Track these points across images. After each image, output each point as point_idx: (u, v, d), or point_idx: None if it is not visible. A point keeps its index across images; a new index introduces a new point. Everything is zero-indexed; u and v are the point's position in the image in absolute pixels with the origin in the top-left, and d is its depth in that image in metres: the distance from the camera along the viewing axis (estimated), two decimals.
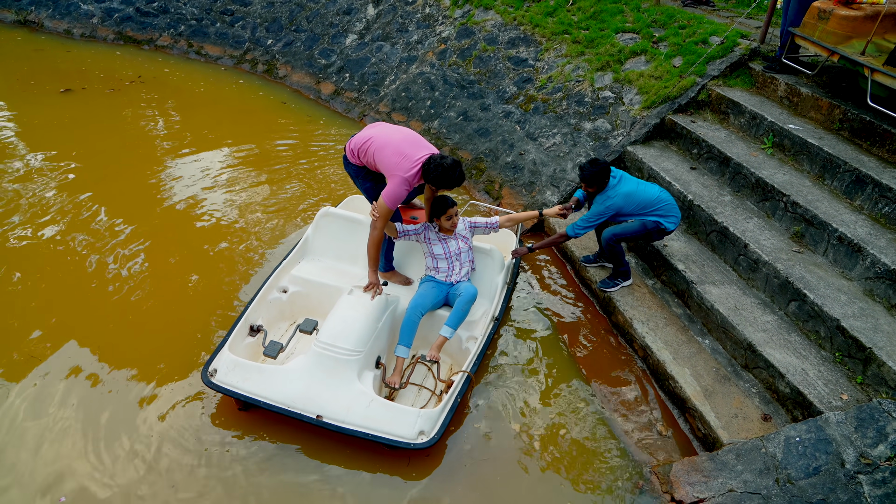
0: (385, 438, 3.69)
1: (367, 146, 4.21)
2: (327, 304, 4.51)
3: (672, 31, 7.25)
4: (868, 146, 5.34)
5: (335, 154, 7.42)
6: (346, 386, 3.83)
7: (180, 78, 9.17)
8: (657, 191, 4.78)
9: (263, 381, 3.83)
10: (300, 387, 3.81)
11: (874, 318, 4.17)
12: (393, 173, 4.07)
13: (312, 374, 3.85)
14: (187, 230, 5.84)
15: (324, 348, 3.87)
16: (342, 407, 3.76)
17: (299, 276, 4.69)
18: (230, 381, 3.83)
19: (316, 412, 3.74)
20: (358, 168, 4.42)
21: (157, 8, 10.39)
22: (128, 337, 4.58)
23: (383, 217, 4.16)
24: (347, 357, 3.87)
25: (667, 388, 4.47)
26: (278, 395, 3.78)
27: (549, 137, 7.01)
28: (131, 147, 7.22)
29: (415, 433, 3.71)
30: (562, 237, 4.93)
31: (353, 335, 3.94)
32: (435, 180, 4.03)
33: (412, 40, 8.95)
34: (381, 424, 3.72)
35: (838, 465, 3.44)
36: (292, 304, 4.64)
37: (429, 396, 4.22)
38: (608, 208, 4.69)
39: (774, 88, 6.23)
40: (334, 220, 4.95)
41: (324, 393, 3.79)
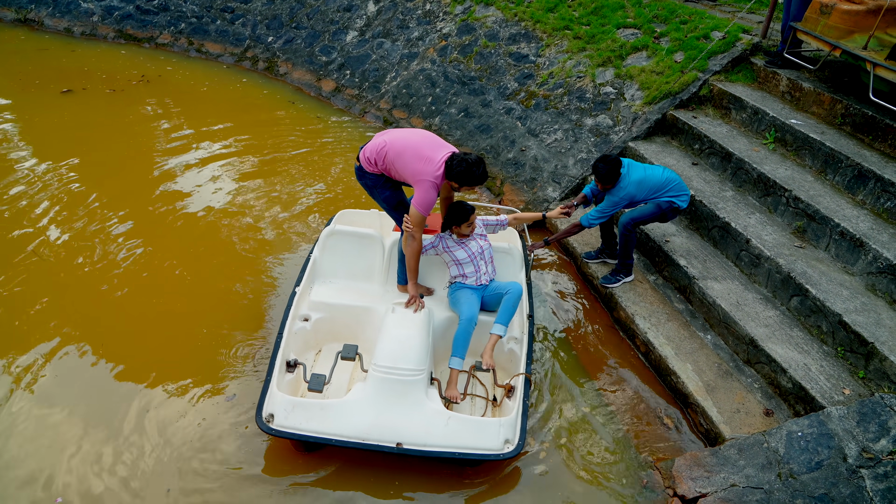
0: (476, 454, 3.55)
1: (384, 151, 4.06)
2: (354, 325, 4.39)
3: (673, 26, 7.23)
4: (870, 141, 5.33)
5: (346, 154, 7.41)
6: (418, 407, 3.64)
7: (183, 77, 9.17)
8: (664, 172, 4.80)
9: (330, 419, 3.57)
10: (371, 417, 3.58)
11: (876, 313, 4.17)
12: (419, 179, 3.94)
13: (380, 402, 3.63)
14: (191, 231, 5.84)
15: (386, 372, 3.67)
16: (420, 430, 3.58)
17: (319, 302, 4.44)
18: (294, 425, 3.53)
19: (394, 440, 3.54)
20: (376, 177, 4.23)
21: (157, 6, 10.38)
22: (132, 339, 4.59)
23: (419, 225, 4.05)
24: (413, 377, 3.69)
25: (669, 383, 4.48)
26: (351, 430, 3.54)
27: (550, 133, 7.00)
28: (135, 149, 7.19)
29: (501, 443, 3.62)
30: (576, 227, 4.95)
31: (412, 354, 3.77)
32: (458, 177, 3.93)
33: (413, 37, 8.94)
34: (465, 440, 3.58)
35: (840, 460, 3.45)
36: (316, 331, 4.39)
37: (485, 404, 4.16)
38: (622, 198, 4.71)
39: (776, 83, 6.22)
40: (340, 238, 4.73)
41: (397, 419, 3.59)
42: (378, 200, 4.43)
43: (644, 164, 4.86)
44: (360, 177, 4.34)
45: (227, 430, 3.93)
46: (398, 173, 4.09)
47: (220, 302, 4.98)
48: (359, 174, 4.34)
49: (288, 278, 5.27)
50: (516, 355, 4.32)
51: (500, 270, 4.77)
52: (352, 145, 7.60)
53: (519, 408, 3.82)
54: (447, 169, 3.94)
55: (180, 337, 4.63)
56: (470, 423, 3.65)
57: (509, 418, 3.71)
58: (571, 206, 4.95)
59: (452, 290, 4.45)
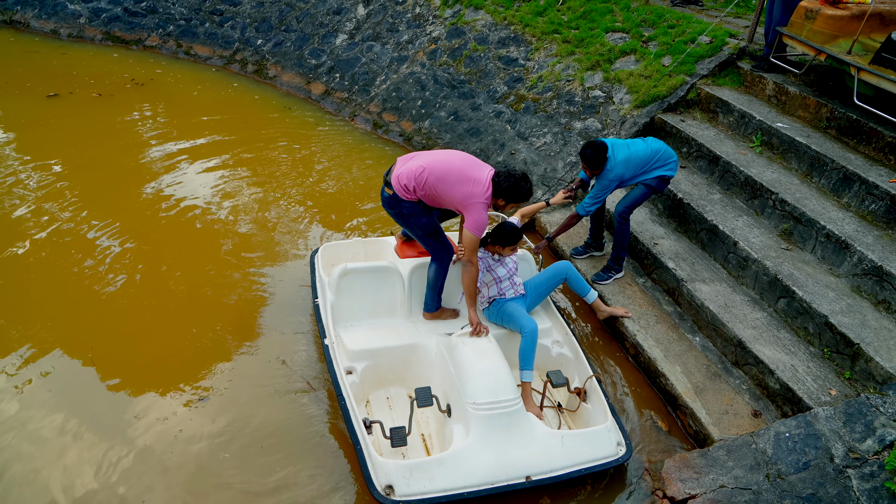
0: (602, 465, 3.56)
1: (423, 176, 3.88)
2: (400, 367, 4.21)
3: (661, 30, 7.29)
4: (855, 144, 5.40)
5: (337, 158, 7.39)
6: (531, 435, 3.58)
7: (174, 81, 9.08)
8: (647, 144, 4.85)
9: (452, 472, 3.40)
10: (492, 458, 3.46)
11: (862, 315, 4.22)
12: (471, 202, 3.84)
13: (495, 440, 3.51)
14: (182, 235, 5.80)
15: (490, 408, 3.55)
16: (541, 457, 3.52)
17: (360, 350, 4.15)
18: (420, 490, 3.33)
19: (523, 475, 3.45)
20: (413, 204, 4.02)
21: (145, 8, 10.33)
22: (122, 343, 4.56)
23: (475, 249, 3.95)
24: (515, 406, 3.60)
25: (658, 385, 4.50)
26: (478, 478, 3.40)
27: (539, 137, 7.03)
28: (123, 154, 7.11)
29: (615, 447, 3.63)
30: (573, 218, 4.99)
31: (507, 382, 3.68)
32: (506, 193, 3.87)
33: (402, 40, 8.95)
34: (585, 454, 3.56)
35: (827, 460, 3.48)
36: (364, 381, 4.14)
37: (555, 414, 4.16)
38: (611, 181, 4.75)
39: (763, 87, 6.28)
40: (355, 276, 4.43)
41: (517, 452, 3.50)
42: (412, 229, 4.21)
43: (626, 140, 4.91)
44: (392, 206, 4.10)
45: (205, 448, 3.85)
46: (440, 198, 3.94)
47: (212, 306, 4.95)
48: (389, 203, 4.10)
49: (280, 283, 5.25)
50: (567, 358, 4.32)
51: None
52: (342, 149, 7.59)
53: (607, 409, 3.84)
54: (495, 186, 3.87)
55: (171, 341, 4.59)
56: (583, 436, 3.65)
57: (611, 422, 3.73)
58: (572, 190, 5.00)
59: (496, 307, 4.37)
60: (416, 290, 4.55)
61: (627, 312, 4.88)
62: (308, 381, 4.36)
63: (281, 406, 4.17)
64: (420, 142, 7.73)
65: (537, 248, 5.16)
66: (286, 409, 4.14)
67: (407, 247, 4.80)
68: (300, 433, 4.00)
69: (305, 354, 4.59)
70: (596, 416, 3.93)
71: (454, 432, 3.62)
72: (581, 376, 4.22)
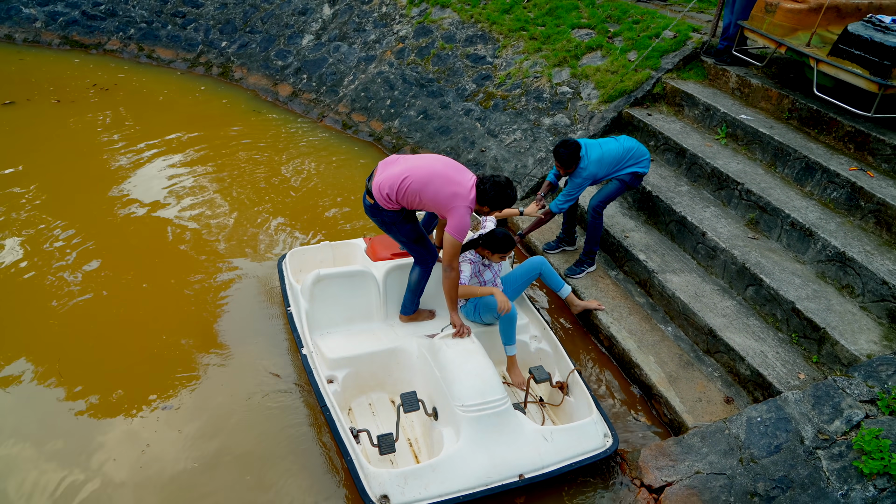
0: (591, 458, 3.60)
1: (406, 183, 3.83)
2: (380, 373, 4.17)
3: (626, 26, 7.37)
4: (816, 134, 5.53)
5: (306, 159, 7.32)
6: (520, 433, 3.59)
7: (138, 85, 8.85)
8: (620, 143, 4.91)
9: (446, 476, 3.39)
10: (485, 460, 3.46)
11: (827, 300, 4.32)
12: (455, 205, 3.80)
13: (486, 441, 3.51)
14: (148, 243, 5.69)
15: (479, 409, 3.55)
16: (532, 454, 3.54)
17: (340, 358, 4.10)
18: (415, 497, 3.31)
19: (515, 474, 3.47)
20: (395, 213, 4.00)
21: (104, 11, 10.10)
22: (90, 356, 4.46)
23: (457, 254, 3.89)
24: (504, 405, 3.61)
25: (633, 375, 4.55)
26: (472, 480, 3.40)
27: (509, 134, 7.05)
28: (87, 164, 6.94)
29: (602, 439, 3.66)
30: (547, 215, 5.02)
31: (494, 382, 3.68)
32: (493, 201, 3.86)
33: (370, 40, 8.90)
34: (573, 448, 3.59)
35: (798, 442, 3.55)
36: (345, 388, 4.08)
37: (538, 409, 4.17)
38: (585, 178, 4.80)
39: (726, 80, 6.40)
40: (329, 282, 4.37)
41: (508, 451, 3.52)
42: (396, 236, 4.21)
43: (599, 139, 4.96)
44: (375, 214, 4.09)
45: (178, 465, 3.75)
46: (422, 203, 3.89)
47: (179, 313, 4.86)
48: (372, 211, 4.09)
49: (248, 287, 5.18)
50: (547, 353, 4.33)
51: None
52: (311, 151, 7.52)
53: (591, 401, 3.86)
54: (480, 193, 3.85)
55: (139, 350, 4.50)
56: (571, 430, 3.67)
57: (596, 413, 3.77)
58: (542, 198, 5.04)
59: (472, 303, 4.34)
60: (391, 293, 4.51)
61: (600, 305, 4.92)
62: (275, 373, 4.30)
63: (256, 415, 4.10)
64: (390, 141, 7.70)
65: None
66: (261, 419, 4.08)
67: (379, 248, 4.75)
68: (276, 441, 3.94)
69: (280, 360, 4.53)
70: (579, 410, 3.96)
71: (444, 436, 3.59)
72: (562, 370, 4.24)
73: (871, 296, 4.22)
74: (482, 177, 3.90)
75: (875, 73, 4.70)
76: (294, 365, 4.47)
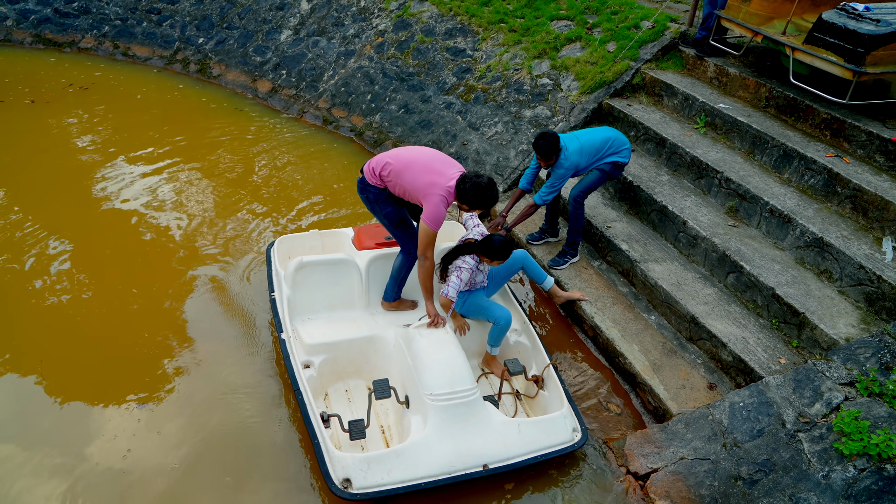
0: (558, 451, 3.64)
1: (390, 164, 3.95)
2: (358, 360, 4.20)
3: (605, 16, 7.39)
4: (793, 122, 5.59)
5: (288, 156, 7.26)
6: (488, 424, 3.62)
7: (116, 84, 8.68)
8: (598, 133, 4.94)
9: (409, 463, 3.42)
10: (450, 448, 3.49)
11: (806, 285, 4.39)
12: (429, 192, 3.83)
13: (452, 430, 3.54)
14: (133, 241, 5.62)
15: (447, 399, 3.58)
16: (499, 445, 3.57)
17: (317, 344, 4.13)
18: (377, 482, 3.34)
19: (480, 464, 3.50)
20: (379, 191, 4.08)
21: (77, 8, 9.92)
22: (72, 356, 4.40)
23: (430, 243, 3.92)
24: (473, 396, 3.63)
25: (617, 364, 4.59)
26: (435, 468, 3.43)
27: (490, 126, 7.05)
28: (65, 164, 6.82)
29: (570, 433, 3.70)
30: (531, 208, 5.03)
31: (464, 372, 3.71)
32: (471, 201, 3.85)
33: (349, 34, 8.84)
34: (541, 441, 3.63)
35: (780, 426, 3.61)
36: (322, 374, 4.11)
37: (513, 401, 4.19)
38: (567, 170, 4.81)
39: (704, 70, 6.44)
40: (311, 269, 4.40)
41: (474, 441, 3.55)
42: (379, 216, 4.25)
43: (577, 132, 5.00)
44: (362, 190, 4.18)
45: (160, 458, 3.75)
46: (403, 187, 3.95)
47: (163, 310, 4.82)
48: (360, 187, 4.19)
49: (232, 282, 5.14)
50: (525, 346, 4.36)
51: None
52: (293, 147, 7.46)
53: (563, 396, 3.89)
54: (459, 192, 3.85)
55: (122, 348, 4.46)
56: (539, 423, 3.70)
57: (567, 407, 3.79)
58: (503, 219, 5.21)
59: (461, 299, 4.30)
60: (374, 281, 4.52)
61: (583, 296, 4.95)
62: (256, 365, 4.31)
63: (236, 405, 4.11)
64: (372, 136, 7.66)
65: None
66: (241, 408, 4.09)
67: (365, 238, 4.76)
68: (256, 431, 3.95)
69: (261, 351, 4.53)
70: (553, 403, 3.99)
71: (412, 423, 3.63)
72: (539, 364, 4.27)
73: (849, 280, 4.29)
74: (466, 174, 3.90)
75: (849, 61, 4.76)
76: (275, 358, 4.47)
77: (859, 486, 3.21)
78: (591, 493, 3.75)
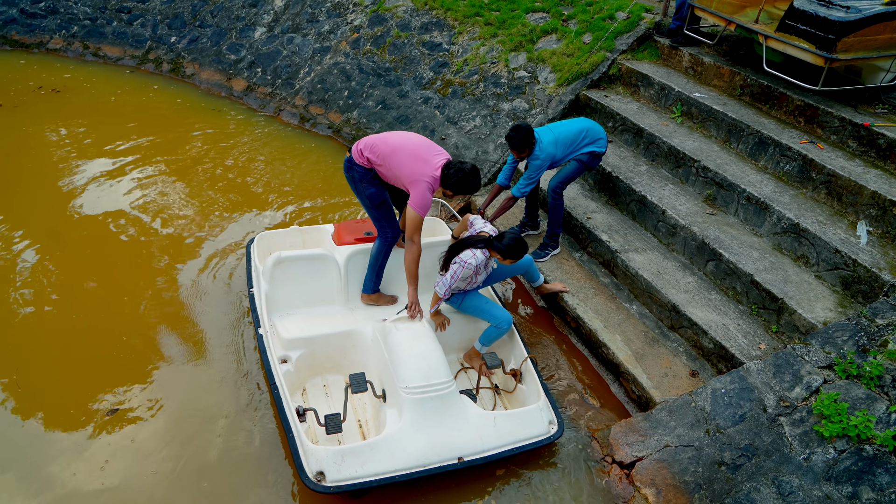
0: (533, 444, 3.64)
1: (378, 147, 4.01)
2: (336, 355, 4.18)
3: (580, 8, 7.40)
4: (767, 109, 5.64)
5: (264, 154, 7.18)
6: (464, 417, 3.62)
7: (88, 85, 8.49)
8: (573, 124, 4.95)
9: (385, 456, 3.40)
10: (424, 441, 3.48)
11: (783, 271, 4.44)
12: (415, 179, 3.88)
13: (428, 423, 3.53)
14: (110, 246, 5.53)
15: (422, 391, 3.58)
16: (474, 438, 3.57)
17: (295, 339, 4.10)
18: (351, 475, 3.31)
19: (455, 456, 3.49)
20: (364, 170, 4.11)
21: (44, 8, 9.71)
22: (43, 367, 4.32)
23: (418, 228, 3.97)
24: (449, 389, 3.63)
25: (600, 355, 4.61)
26: (410, 461, 3.42)
27: (468, 120, 7.04)
28: (38, 169, 6.68)
29: (546, 426, 3.70)
30: (510, 200, 5.02)
31: (440, 366, 3.71)
32: (455, 186, 3.92)
33: (324, 30, 8.76)
34: (517, 434, 3.63)
35: (761, 411, 3.65)
36: (298, 370, 4.07)
37: (492, 395, 4.20)
38: (543, 161, 4.81)
39: (679, 59, 6.48)
40: (290, 264, 4.38)
41: (449, 434, 3.54)
42: (361, 196, 4.29)
43: (551, 124, 5.00)
44: (348, 169, 4.22)
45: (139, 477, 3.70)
46: (390, 171, 4.00)
47: (141, 314, 4.75)
48: (347, 166, 4.22)
49: (209, 283, 5.08)
50: (504, 340, 4.35)
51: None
52: (270, 146, 7.38)
53: (541, 389, 3.90)
54: (443, 178, 3.91)
55: (100, 353, 4.39)
56: (515, 416, 3.70)
57: (544, 399, 3.79)
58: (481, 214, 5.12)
59: (459, 297, 4.23)
60: (352, 276, 4.51)
61: (566, 287, 4.96)
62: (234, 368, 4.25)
63: (214, 406, 4.09)
64: (350, 133, 7.61)
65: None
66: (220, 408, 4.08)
67: (344, 233, 4.75)
68: (233, 431, 3.93)
69: (240, 349, 4.52)
70: (531, 397, 4.00)
71: (388, 417, 3.63)
72: (517, 359, 4.28)
73: (825, 265, 4.35)
74: (451, 161, 3.97)
75: (821, 48, 4.81)
76: (256, 359, 4.43)
77: (840, 467, 3.26)
78: (577, 484, 3.76)
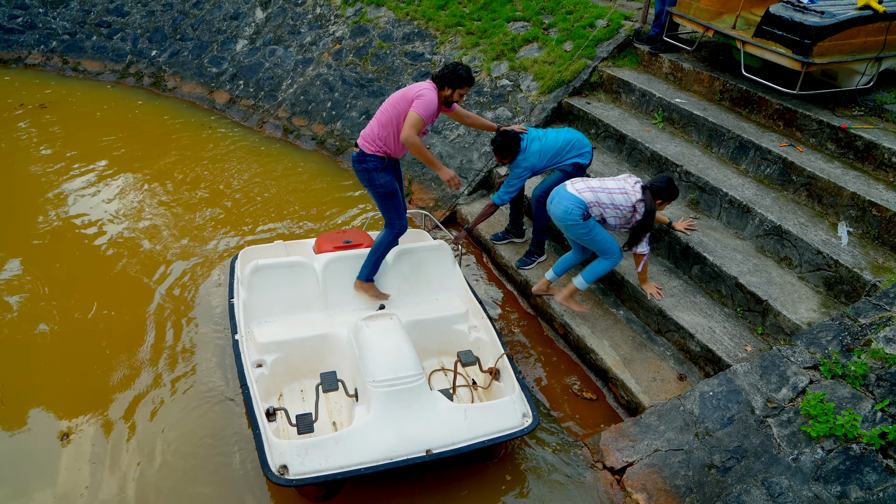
0: (505, 436, 3.59)
1: (383, 117, 4.13)
2: (312, 358, 4.18)
3: (560, 16, 7.47)
4: (747, 114, 5.71)
5: (248, 166, 7.15)
6: (432, 410, 3.59)
7: (71, 100, 8.42)
8: (559, 135, 4.96)
9: (350, 450, 3.36)
10: (391, 434, 3.45)
11: (767, 273, 4.48)
12: (418, 91, 4.05)
13: (395, 416, 3.51)
14: (94, 264, 5.48)
15: (390, 385, 3.56)
16: (443, 430, 3.52)
17: (269, 343, 4.10)
18: (315, 468, 3.28)
19: (423, 449, 3.44)
20: (378, 159, 4.18)
21: (22, 24, 9.63)
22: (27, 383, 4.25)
23: (414, 125, 4.02)
24: (417, 382, 3.61)
25: (588, 361, 4.62)
26: (376, 454, 3.38)
27: (452, 129, 7.05)
28: (24, 188, 6.61)
29: (520, 418, 3.67)
30: (490, 207, 5.04)
31: (408, 359, 3.70)
32: (447, 81, 4.10)
33: (306, 42, 8.76)
34: (488, 427, 3.59)
35: (749, 413, 3.67)
36: (273, 374, 4.07)
37: (469, 392, 4.19)
38: (525, 169, 4.84)
39: (659, 66, 6.55)
40: (268, 273, 4.39)
41: (418, 427, 3.51)
42: (373, 187, 4.31)
43: (541, 130, 5.01)
44: (359, 162, 4.24)
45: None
46: (399, 120, 4.09)
47: (124, 329, 4.69)
48: (357, 161, 4.25)
49: (193, 297, 5.03)
50: (484, 341, 4.35)
51: (434, 268, 4.75)
52: (254, 159, 7.35)
53: (516, 383, 3.88)
54: (439, 80, 4.12)
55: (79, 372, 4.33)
56: (487, 408, 3.67)
57: (518, 393, 3.77)
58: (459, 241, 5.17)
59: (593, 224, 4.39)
60: (330, 283, 4.52)
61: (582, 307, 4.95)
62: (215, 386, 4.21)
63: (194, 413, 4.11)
64: (334, 144, 7.59)
65: (456, 238, 5.17)
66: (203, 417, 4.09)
67: (324, 243, 4.78)
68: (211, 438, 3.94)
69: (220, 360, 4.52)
70: (506, 391, 4.00)
71: (356, 412, 3.62)
72: (495, 357, 4.27)
73: (808, 266, 4.40)
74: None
75: (797, 52, 4.88)
76: (235, 377, 4.40)
77: (828, 466, 3.28)
78: (568, 491, 3.75)
